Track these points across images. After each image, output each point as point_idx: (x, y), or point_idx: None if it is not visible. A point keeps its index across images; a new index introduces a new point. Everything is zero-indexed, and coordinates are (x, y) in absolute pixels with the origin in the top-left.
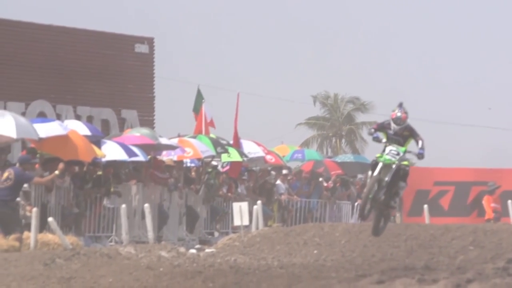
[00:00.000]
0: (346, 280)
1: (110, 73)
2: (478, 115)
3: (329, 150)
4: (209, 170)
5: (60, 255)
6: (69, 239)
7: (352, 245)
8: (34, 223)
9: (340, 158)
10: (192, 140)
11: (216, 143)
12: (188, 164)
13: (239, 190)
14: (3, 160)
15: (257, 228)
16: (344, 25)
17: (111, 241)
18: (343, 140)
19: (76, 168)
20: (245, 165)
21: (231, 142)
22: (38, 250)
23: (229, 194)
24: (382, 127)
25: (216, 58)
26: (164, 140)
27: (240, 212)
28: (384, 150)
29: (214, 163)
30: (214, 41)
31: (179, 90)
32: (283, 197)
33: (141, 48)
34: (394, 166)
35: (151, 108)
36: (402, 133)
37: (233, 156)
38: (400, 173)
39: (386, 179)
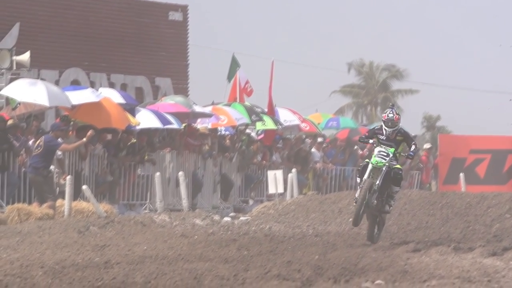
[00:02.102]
0: (382, 248)
1: (144, 41)
2: None
3: (364, 118)
4: (243, 138)
5: (94, 223)
6: (103, 207)
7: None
8: (68, 191)
9: (376, 126)
10: (227, 108)
11: (250, 111)
12: (223, 132)
13: (273, 158)
14: (36, 127)
15: (292, 196)
16: None
17: (145, 209)
18: (379, 108)
19: (109, 136)
20: (279, 133)
21: (266, 110)
22: (72, 218)
23: (264, 162)
24: (373, 133)
25: (251, 25)
26: (198, 108)
27: (275, 180)
28: (373, 152)
29: (248, 131)
30: (248, 8)
31: (213, 57)
32: (318, 165)
33: (175, 16)
34: (384, 168)
35: (185, 76)
36: (395, 138)
37: (268, 124)
38: (392, 176)
39: (377, 182)
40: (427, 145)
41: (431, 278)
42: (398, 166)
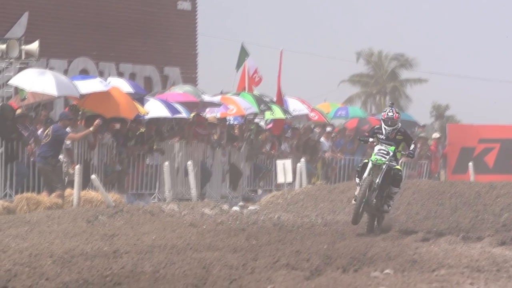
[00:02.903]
0: (390, 237)
1: (153, 30)
2: None
3: (373, 107)
4: (252, 127)
5: (103, 212)
6: (112, 197)
7: (396, 202)
8: (77, 180)
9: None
10: (235, 98)
11: (259, 100)
12: (231, 122)
13: (282, 147)
14: (44, 116)
15: (300, 185)
16: None
17: (154, 199)
18: (387, 98)
19: (117, 126)
20: (288, 123)
21: (275, 99)
22: (81, 207)
23: (272, 152)
24: (373, 133)
25: (259, 15)
26: (207, 98)
27: (283, 170)
28: (373, 150)
29: (256, 120)
30: None
31: (222, 47)
32: (326, 154)
33: (184, 5)
34: (384, 166)
35: (194, 65)
36: (395, 137)
37: (277, 113)
38: (392, 176)
39: (377, 181)
40: (436, 135)
41: (440, 267)
42: (398, 167)
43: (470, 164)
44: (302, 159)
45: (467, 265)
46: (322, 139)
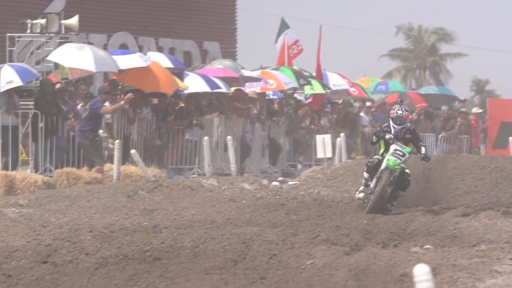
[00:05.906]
0: (431, 212)
1: (192, 4)
2: None
3: (413, 82)
4: (291, 102)
5: (143, 187)
6: (152, 171)
7: (436, 177)
8: (116, 155)
9: (424, 90)
10: (275, 72)
11: (298, 75)
12: (271, 96)
13: (322, 122)
14: (84, 91)
15: (340, 160)
16: None
17: (193, 173)
18: (427, 72)
19: (155, 100)
20: (328, 98)
21: (314, 74)
22: (121, 182)
23: (312, 126)
24: (382, 132)
25: None
26: (246, 72)
27: (323, 145)
28: (388, 149)
29: (295, 95)
30: None
31: (262, 21)
32: (366, 129)
33: None
34: (398, 169)
35: (233, 40)
36: (404, 136)
37: (316, 88)
38: (403, 178)
39: (394, 174)
40: (476, 109)
41: (480, 242)
42: (408, 171)
43: (511, 138)
44: (342, 134)
45: (507, 240)
46: (362, 113)
